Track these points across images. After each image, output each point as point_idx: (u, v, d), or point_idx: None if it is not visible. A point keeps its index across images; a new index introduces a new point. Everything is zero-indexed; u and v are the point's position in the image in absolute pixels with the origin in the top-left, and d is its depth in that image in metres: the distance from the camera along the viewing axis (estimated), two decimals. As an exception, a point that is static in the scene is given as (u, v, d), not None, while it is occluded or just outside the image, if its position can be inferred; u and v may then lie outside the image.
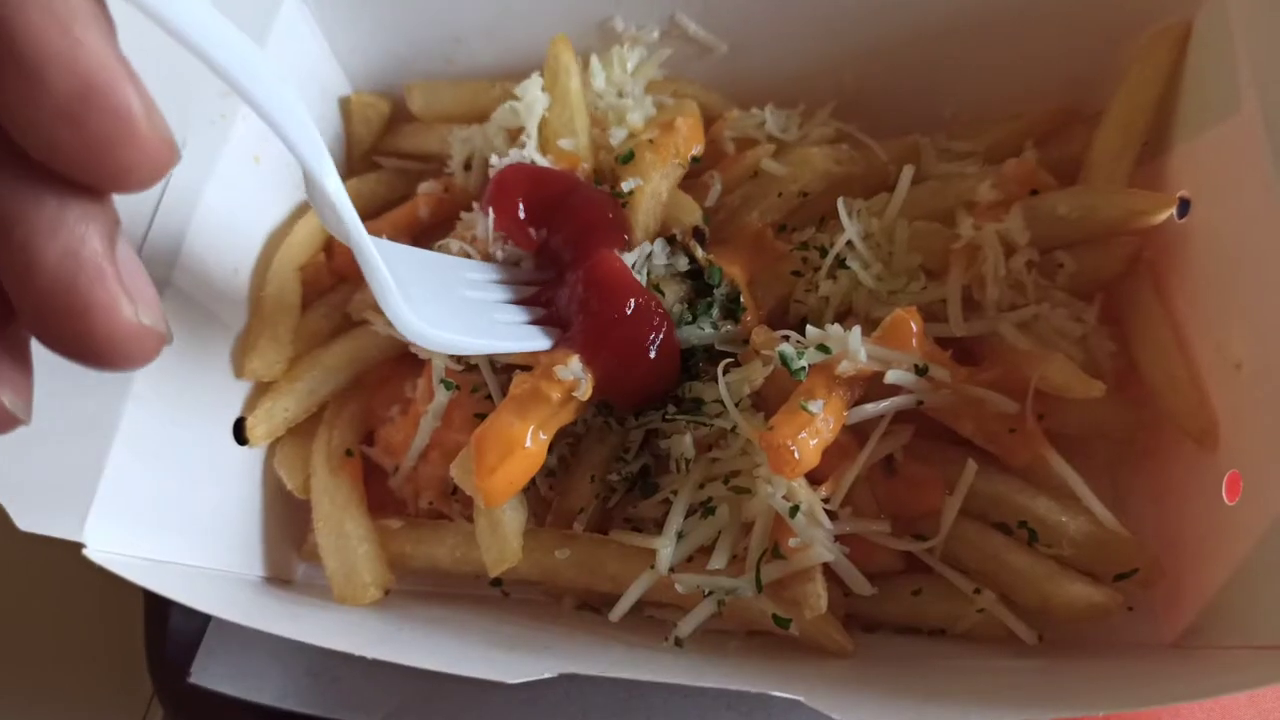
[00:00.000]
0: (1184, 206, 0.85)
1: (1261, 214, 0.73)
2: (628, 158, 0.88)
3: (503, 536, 0.79)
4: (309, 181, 0.61)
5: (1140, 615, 0.78)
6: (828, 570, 0.77)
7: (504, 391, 0.81)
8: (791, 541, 0.74)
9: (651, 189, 0.86)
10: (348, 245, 0.64)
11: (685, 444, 0.80)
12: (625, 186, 0.86)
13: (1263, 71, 0.75)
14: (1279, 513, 0.68)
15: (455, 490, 0.82)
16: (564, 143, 0.91)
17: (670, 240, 0.86)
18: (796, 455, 0.72)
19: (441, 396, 0.85)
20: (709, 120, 0.96)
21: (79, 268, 0.35)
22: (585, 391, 0.77)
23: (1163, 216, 0.85)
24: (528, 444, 0.76)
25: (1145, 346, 0.84)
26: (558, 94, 0.93)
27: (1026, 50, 0.94)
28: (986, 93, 0.97)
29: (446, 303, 0.77)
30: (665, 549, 0.77)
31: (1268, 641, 0.67)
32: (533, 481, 0.81)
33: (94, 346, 0.36)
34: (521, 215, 0.86)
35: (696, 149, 0.90)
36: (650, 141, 0.87)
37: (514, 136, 0.94)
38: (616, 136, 0.91)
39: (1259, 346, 0.74)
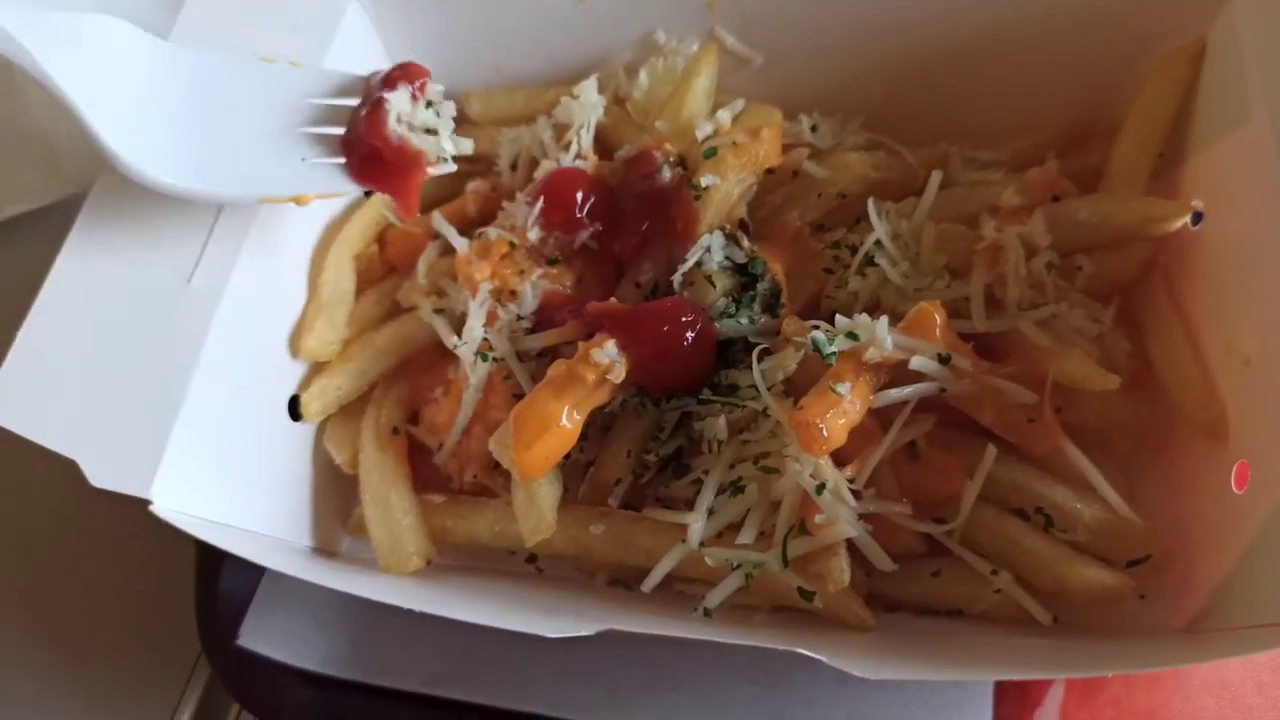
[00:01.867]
0: (1197, 216, 0.90)
1: (1269, 216, 0.77)
2: (711, 153, 0.91)
3: (539, 509, 0.83)
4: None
5: (1151, 601, 0.81)
6: (851, 550, 0.80)
7: (533, 377, 0.87)
8: (817, 518, 0.78)
9: (725, 190, 0.90)
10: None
11: (719, 426, 0.84)
12: (704, 181, 0.90)
13: (1271, 80, 0.80)
14: (1282, 495, 0.72)
15: (498, 465, 0.86)
16: (660, 123, 0.96)
17: (726, 235, 0.90)
18: (825, 433, 0.75)
19: (481, 369, 0.89)
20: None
21: None
22: (619, 375, 0.81)
23: (1178, 224, 0.89)
24: (563, 422, 0.80)
25: (1158, 345, 0.88)
26: (682, 84, 0.98)
27: (1047, 66, 0.99)
28: (1010, 106, 1.01)
29: (226, 142, 0.75)
30: (696, 524, 0.81)
31: (1271, 620, 0.70)
32: (569, 456, 0.85)
33: None
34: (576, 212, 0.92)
35: (775, 160, 0.94)
36: (735, 144, 0.91)
37: (561, 134, 0.99)
38: (704, 131, 0.95)
39: (1266, 343, 0.78)
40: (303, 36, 0.97)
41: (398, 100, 0.84)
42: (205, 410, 0.80)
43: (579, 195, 0.92)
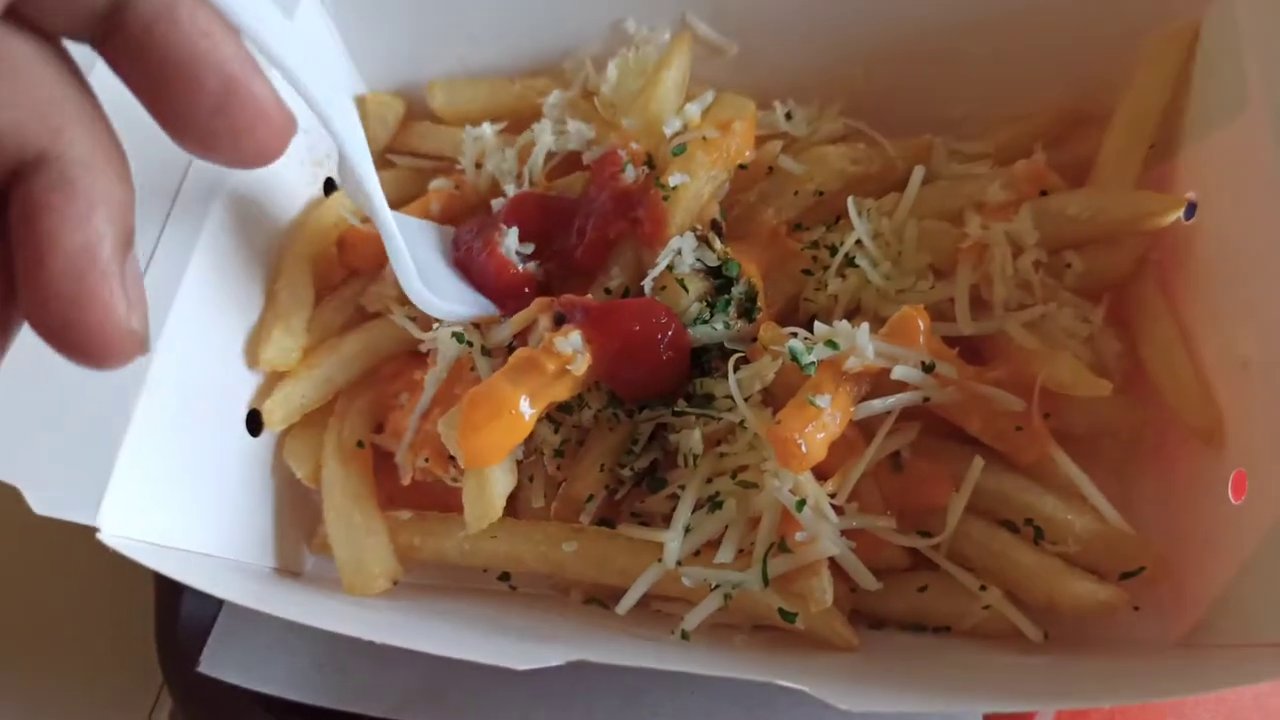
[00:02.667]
0: (1190, 209, 0.86)
1: (1267, 212, 0.74)
2: (679, 150, 0.88)
3: (487, 496, 0.79)
4: (342, 161, 0.64)
5: (1146, 614, 0.78)
6: (834, 566, 0.77)
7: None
8: (798, 536, 0.75)
9: (695, 189, 0.86)
10: (376, 225, 0.70)
11: (694, 439, 0.80)
12: (672, 181, 0.86)
13: (1270, 70, 0.76)
14: (1285, 508, 0.69)
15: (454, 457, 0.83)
16: (628, 121, 0.92)
17: (698, 237, 0.86)
18: (804, 449, 0.72)
19: (450, 351, 0.86)
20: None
21: (92, 263, 0.38)
22: (581, 367, 0.78)
23: (1172, 218, 0.85)
24: (518, 409, 0.77)
25: (1151, 346, 0.85)
26: (651, 79, 0.93)
27: (1035, 53, 0.94)
28: (996, 94, 0.97)
29: (447, 272, 0.89)
30: (673, 542, 0.78)
31: (1273, 639, 0.67)
32: (543, 466, 0.83)
33: (81, 338, 0.38)
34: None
35: (748, 154, 0.90)
36: (705, 140, 0.87)
37: (525, 156, 0.96)
38: (672, 126, 0.91)
39: (1266, 345, 0.74)
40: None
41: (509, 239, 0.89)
42: (155, 428, 0.76)
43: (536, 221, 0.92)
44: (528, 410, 0.77)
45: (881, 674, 0.74)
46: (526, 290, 0.88)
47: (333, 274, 0.96)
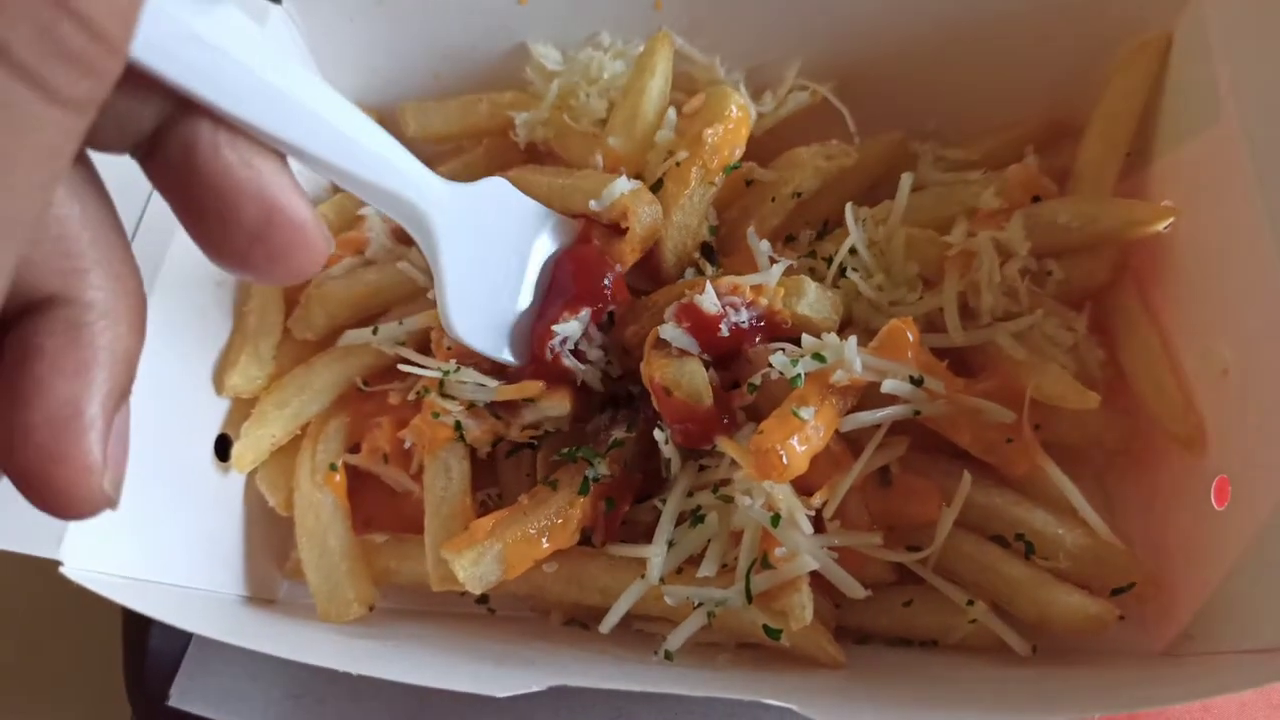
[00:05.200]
0: (1166, 218, 0.86)
1: (1243, 222, 0.74)
2: (657, 186, 0.86)
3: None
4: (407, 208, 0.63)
5: (1131, 623, 0.78)
6: (821, 582, 0.76)
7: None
8: (778, 551, 0.74)
9: (677, 223, 0.85)
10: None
11: (671, 450, 0.79)
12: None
13: (1241, 81, 0.76)
14: (1267, 517, 0.68)
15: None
16: (613, 140, 0.89)
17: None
18: (785, 460, 0.71)
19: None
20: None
21: (74, 418, 0.36)
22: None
23: (1160, 226, 0.85)
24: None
25: (1132, 354, 0.85)
26: (634, 90, 0.91)
27: (1009, 63, 0.94)
28: (970, 105, 0.97)
29: (490, 309, 0.80)
30: (656, 558, 0.76)
31: (1256, 645, 0.67)
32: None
33: (48, 491, 0.36)
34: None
35: (735, 153, 0.86)
36: (677, 166, 0.85)
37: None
38: (663, 136, 0.89)
39: (1245, 352, 0.74)
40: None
41: (568, 329, 0.81)
42: (121, 456, 0.74)
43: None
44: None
45: (868, 690, 0.73)
46: (557, 375, 0.82)
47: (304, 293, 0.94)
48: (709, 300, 0.78)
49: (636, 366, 0.83)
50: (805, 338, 0.78)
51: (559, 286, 0.82)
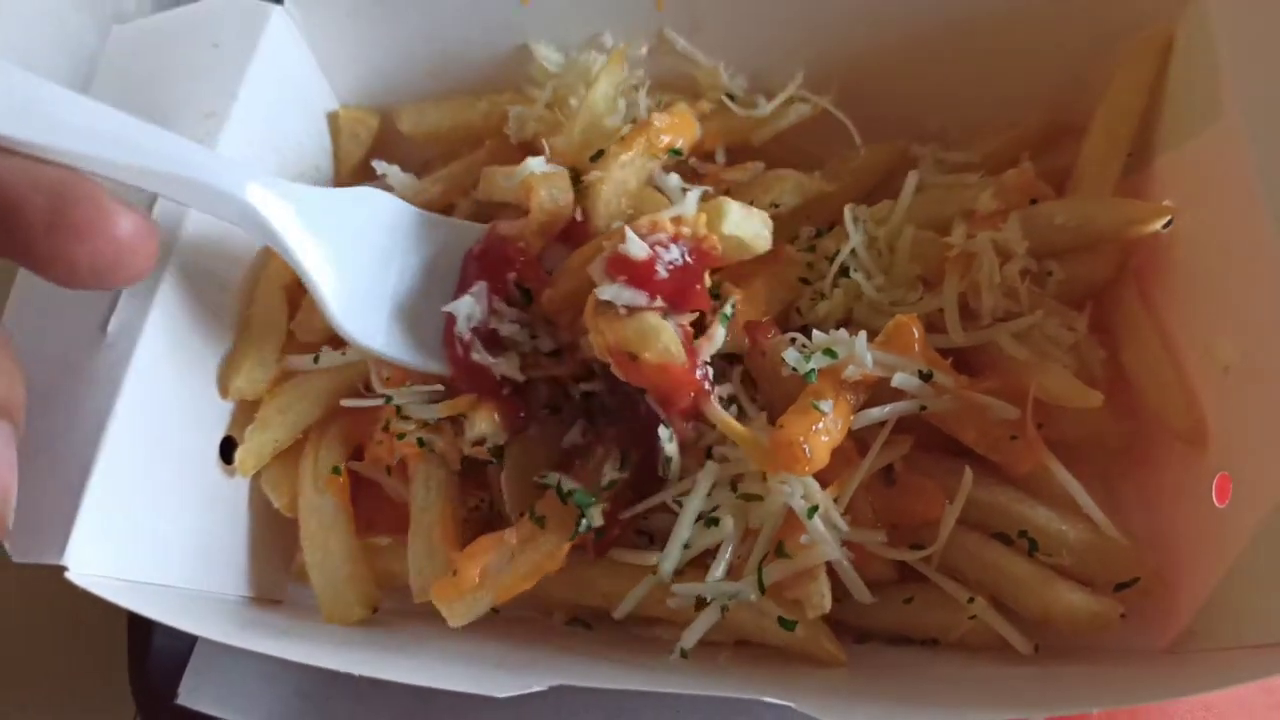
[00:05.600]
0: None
1: (1245, 219, 0.74)
2: (597, 156, 0.87)
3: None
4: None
5: (1134, 621, 0.78)
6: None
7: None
8: (802, 538, 0.74)
9: (613, 180, 0.85)
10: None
11: (672, 448, 0.79)
12: (588, 178, 0.84)
13: (1244, 78, 0.76)
14: (1267, 514, 0.68)
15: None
16: (556, 140, 0.90)
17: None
18: (808, 452, 0.71)
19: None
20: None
21: None
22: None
23: (1157, 225, 0.85)
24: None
25: (1133, 351, 0.85)
26: (584, 100, 0.92)
27: (1012, 63, 0.94)
28: (973, 104, 0.97)
29: (393, 314, 0.81)
30: (668, 561, 0.76)
31: (1258, 641, 0.67)
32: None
33: None
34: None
35: (679, 141, 0.88)
36: (622, 139, 0.86)
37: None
38: (612, 124, 0.91)
39: (1246, 349, 0.74)
40: (223, 53, 0.91)
41: (463, 306, 0.80)
42: (125, 460, 0.74)
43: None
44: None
45: (868, 688, 0.73)
46: (475, 374, 0.81)
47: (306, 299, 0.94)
48: (634, 245, 0.75)
49: (569, 338, 0.81)
50: (816, 334, 0.78)
51: (464, 282, 0.82)
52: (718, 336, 0.78)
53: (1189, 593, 0.77)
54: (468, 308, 0.80)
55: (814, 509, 0.73)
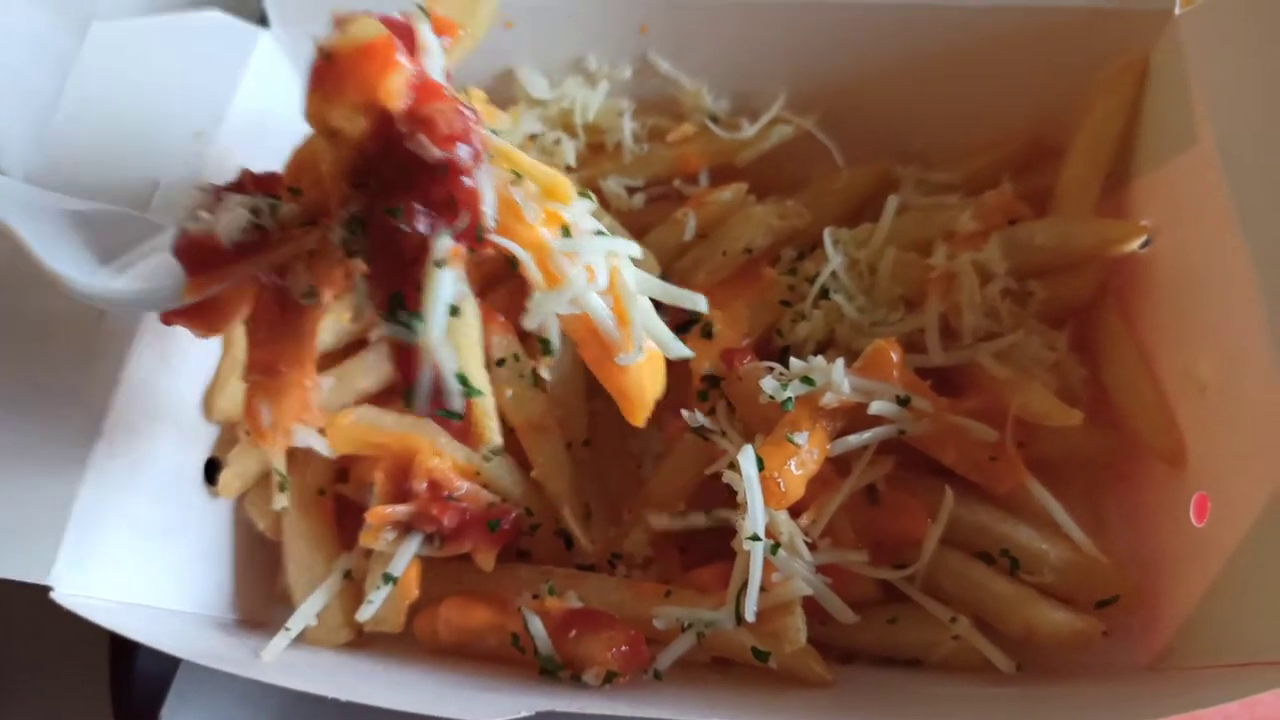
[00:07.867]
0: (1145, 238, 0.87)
1: (1220, 241, 0.75)
2: None
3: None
4: None
5: (1116, 639, 0.78)
6: (808, 600, 0.76)
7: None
8: (774, 576, 0.74)
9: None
10: None
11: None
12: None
13: (1216, 104, 0.77)
14: (1244, 533, 0.69)
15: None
16: None
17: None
18: (783, 488, 0.72)
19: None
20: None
21: None
22: None
23: (1135, 244, 0.87)
24: None
25: (1114, 371, 0.86)
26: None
27: (994, 86, 0.95)
28: (955, 126, 0.98)
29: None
30: None
31: (1235, 660, 0.68)
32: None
33: None
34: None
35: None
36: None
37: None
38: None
39: (1223, 368, 0.75)
40: (212, 70, 0.91)
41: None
42: (110, 480, 0.74)
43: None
44: None
45: (853, 709, 0.73)
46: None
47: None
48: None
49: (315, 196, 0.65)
50: (794, 361, 0.78)
51: None
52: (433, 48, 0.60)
53: (1170, 610, 0.78)
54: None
55: (775, 546, 0.73)
